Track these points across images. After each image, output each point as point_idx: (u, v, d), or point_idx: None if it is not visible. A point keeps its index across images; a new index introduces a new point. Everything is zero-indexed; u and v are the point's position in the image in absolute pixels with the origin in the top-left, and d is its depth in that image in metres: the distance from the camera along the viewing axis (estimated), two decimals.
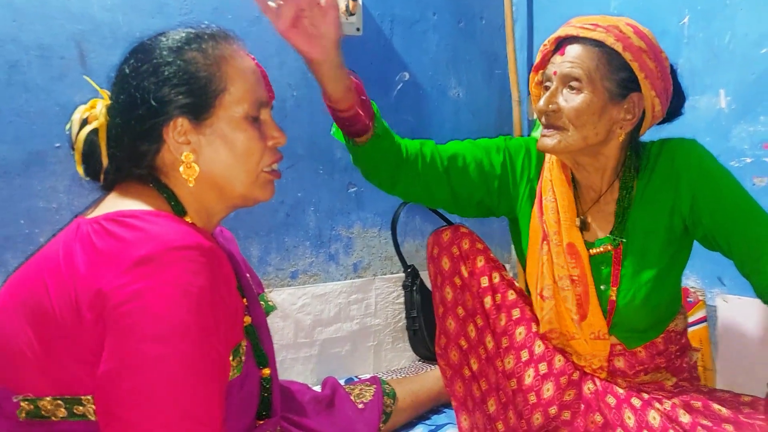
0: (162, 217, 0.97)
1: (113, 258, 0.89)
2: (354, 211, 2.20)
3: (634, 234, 1.38)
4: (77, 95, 1.70)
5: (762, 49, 1.69)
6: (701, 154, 1.35)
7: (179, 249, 0.90)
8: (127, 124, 1.03)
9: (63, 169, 1.71)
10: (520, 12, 2.44)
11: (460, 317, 1.49)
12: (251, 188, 1.08)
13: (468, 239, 1.52)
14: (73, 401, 0.93)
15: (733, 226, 1.31)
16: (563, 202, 1.41)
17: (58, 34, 1.70)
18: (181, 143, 1.03)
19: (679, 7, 1.87)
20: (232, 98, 1.04)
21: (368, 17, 2.17)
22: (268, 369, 1.14)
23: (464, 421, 1.48)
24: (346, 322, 2.17)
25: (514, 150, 1.52)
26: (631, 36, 1.28)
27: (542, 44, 1.37)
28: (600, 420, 1.42)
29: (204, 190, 1.06)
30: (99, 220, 0.95)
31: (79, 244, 0.93)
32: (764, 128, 1.70)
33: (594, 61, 1.29)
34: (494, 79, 2.48)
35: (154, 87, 1.01)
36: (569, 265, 1.39)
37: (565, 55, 1.31)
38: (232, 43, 1.09)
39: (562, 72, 1.31)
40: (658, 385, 1.45)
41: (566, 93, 1.31)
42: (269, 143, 1.10)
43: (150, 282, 0.87)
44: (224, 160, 1.05)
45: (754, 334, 1.72)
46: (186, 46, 1.04)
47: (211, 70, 1.03)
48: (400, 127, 2.27)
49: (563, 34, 1.33)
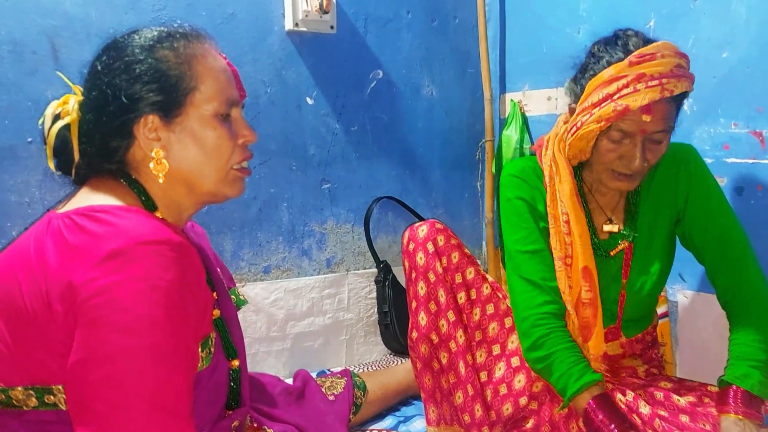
0: (132, 212, 0.98)
1: (84, 252, 0.91)
2: (327, 207, 2.22)
3: (642, 229, 1.45)
4: (49, 90, 1.70)
5: (724, 53, 1.74)
6: (699, 158, 1.44)
7: (149, 243, 0.91)
8: (99, 120, 1.04)
9: (35, 164, 1.72)
10: (492, 11, 2.47)
11: (432, 312, 1.52)
12: (220, 185, 1.10)
13: (443, 235, 1.54)
14: (44, 391, 0.94)
15: (710, 228, 1.41)
16: (578, 227, 1.40)
17: (30, 30, 1.70)
18: (152, 140, 1.04)
19: (646, 10, 1.92)
20: (202, 96, 1.06)
21: (342, 15, 2.19)
22: (237, 361, 1.16)
23: (432, 412, 1.52)
24: (319, 317, 2.20)
25: (532, 201, 1.48)
26: (689, 67, 1.31)
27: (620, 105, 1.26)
28: (565, 411, 1.46)
29: (174, 186, 1.07)
30: (70, 215, 0.96)
31: (50, 238, 0.94)
32: (725, 130, 1.75)
33: (675, 112, 1.32)
34: (467, 77, 2.52)
35: (125, 84, 1.03)
36: (583, 289, 1.40)
37: (653, 114, 1.26)
38: (204, 42, 1.10)
39: (650, 131, 1.29)
40: (633, 370, 1.51)
41: (649, 146, 1.31)
42: (239, 141, 1.11)
43: (120, 276, 0.88)
44: (194, 157, 1.06)
45: (713, 330, 1.77)
46: (158, 45, 1.06)
47: (182, 69, 1.05)
48: (374, 124, 2.30)
49: (656, 98, 1.24)
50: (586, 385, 1.30)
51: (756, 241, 1.70)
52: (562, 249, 1.41)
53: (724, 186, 1.75)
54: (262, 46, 2.06)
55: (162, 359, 0.89)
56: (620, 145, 1.31)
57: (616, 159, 1.33)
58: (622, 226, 1.46)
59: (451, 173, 2.50)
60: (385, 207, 2.34)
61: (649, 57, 1.25)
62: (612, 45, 1.33)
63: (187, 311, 0.94)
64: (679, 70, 1.26)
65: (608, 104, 1.27)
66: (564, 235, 1.41)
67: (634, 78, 1.25)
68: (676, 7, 1.84)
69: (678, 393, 1.41)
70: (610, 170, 1.35)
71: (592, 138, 1.34)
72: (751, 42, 1.68)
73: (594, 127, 1.30)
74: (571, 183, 1.40)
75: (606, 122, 1.28)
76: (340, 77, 2.22)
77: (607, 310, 1.45)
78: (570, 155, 1.41)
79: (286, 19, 2.08)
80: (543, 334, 1.37)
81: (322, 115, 2.19)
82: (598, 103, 1.28)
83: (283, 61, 2.10)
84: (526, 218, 1.45)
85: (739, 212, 1.71)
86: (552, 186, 1.43)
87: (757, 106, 1.67)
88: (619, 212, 1.48)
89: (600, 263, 1.43)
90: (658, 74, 1.24)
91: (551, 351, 1.35)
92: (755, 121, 1.68)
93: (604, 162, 1.35)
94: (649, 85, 1.24)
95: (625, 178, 1.35)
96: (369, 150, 2.30)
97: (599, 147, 1.34)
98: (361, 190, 2.29)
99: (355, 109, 2.26)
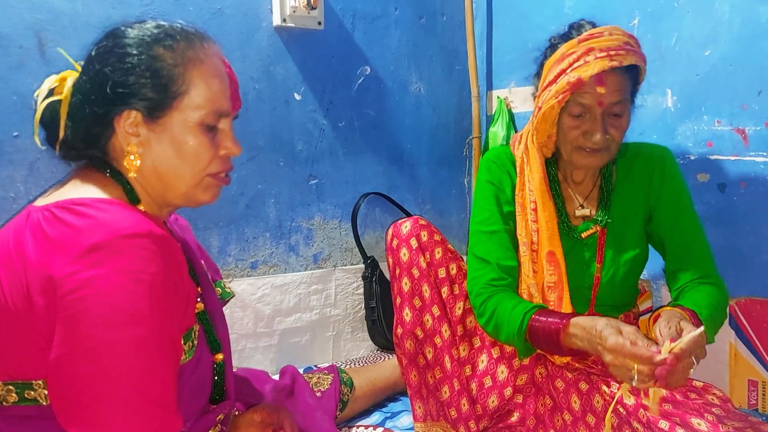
0: (113, 205, 0.98)
1: (64, 245, 0.90)
2: (314, 203, 2.23)
3: (615, 216, 1.50)
4: (35, 84, 1.65)
5: (706, 51, 1.76)
6: (674, 162, 1.52)
7: (131, 237, 0.91)
8: (83, 105, 1.03)
9: (21, 159, 1.71)
10: (479, 9, 2.49)
11: (416, 308, 1.53)
12: (194, 190, 1.08)
13: (426, 231, 1.56)
14: (24, 386, 0.94)
15: (677, 227, 1.48)
16: (545, 213, 1.46)
17: (16, 23, 1.69)
18: (130, 134, 1.03)
19: (630, 8, 1.93)
20: (190, 102, 1.04)
21: (330, 11, 2.19)
22: (221, 354, 1.15)
23: (418, 408, 1.53)
24: (306, 313, 2.20)
25: (500, 184, 1.55)
26: (639, 48, 1.39)
27: (573, 77, 1.34)
28: (549, 403, 1.48)
29: (149, 182, 1.06)
30: (50, 208, 0.95)
31: (29, 231, 0.94)
32: (708, 127, 1.77)
33: (629, 85, 1.40)
34: (454, 74, 2.53)
35: (115, 75, 1.01)
36: (547, 272, 1.45)
37: (606, 85, 1.35)
38: (208, 47, 1.08)
39: (606, 102, 1.36)
40: None
41: (610, 120, 1.39)
42: (221, 152, 1.09)
43: (102, 269, 0.88)
44: (170, 159, 1.05)
45: None
46: (156, 42, 1.04)
47: (176, 71, 1.03)
48: (362, 120, 2.30)
49: (605, 67, 1.32)
50: (527, 315, 1.35)
51: (738, 237, 1.73)
52: (527, 235, 1.48)
53: (708, 182, 1.77)
54: (250, 42, 2.06)
55: (147, 352, 0.90)
56: (582, 121, 1.39)
57: (580, 135, 1.40)
58: (595, 212, 1.51)
59: (439, 169, 2.51)
60: (372, 203, 2.35)
61: (597, 34, 1.36)
62: (566, 35, 1.44)
63: (171, 303, 0.94)
64: (627, 46, 1.35)
65: (562, 78, 1.36)
66: (531, 222, 1.47)
67: (584, 52, 1.34)
68: (659, 5, 1.86)
69: None
70: (577, 147, 1.42)
71: (554, 117, 1.41)
72: (734, 40, 1.70)
73: (553, 103, 1.37)
74: (541, 172, 1.47)
75: (563, 95, 1.36)
76: (327, 73, 2.23)
77: (581, 296, 1.49)
78: (540, 143, 1.47)
79: (273, 15, 2.08)
80: (484, 299, 1.44)
81: (309, 111, 2.19)
82: (554, 80, 1.38)
83: (271, 57, 2.09)
84: (490, 201, 1.53)
85: (722, 208, 1.74)
86: (522, 176, 1.50)
87: (740, 103, 1.69)
88: (593, 200, 1.53)
89: (572, 247, 1.49)
90: (605, 47, 1.33)
91: (493, 309, 1.42)
92: (738, 119, 1.71)
93: (570, 140, 1.42)
94: (597, 56, 1.32)
95: (593, 153, 1.41)
96: (356, 146, 2.30)
97: (563, 126, 1.42)
98: (349, 186, 2.30)
99: (343, 105, 2.27)
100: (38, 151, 1.71)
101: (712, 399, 1.37)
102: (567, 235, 1.50)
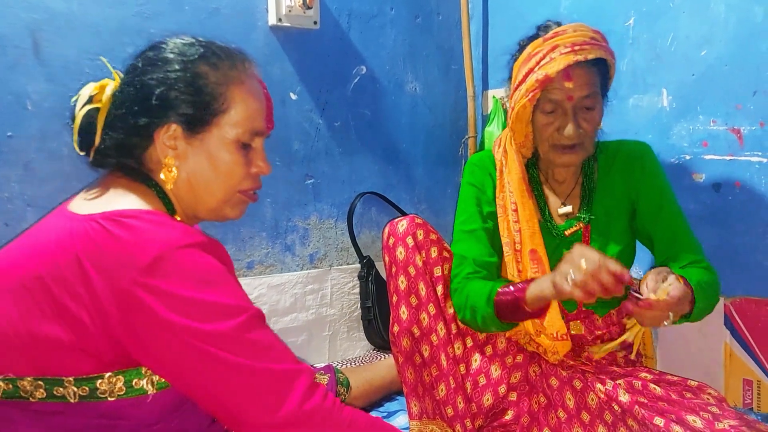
0: (157, 216, 1.00)
1: (123, 259, 0.93)
2: (311, 203, 2.23)
3: (598, 213, 1.52)
4: (30, 84, 1.69)
5: (702, 51, 1.77)
6: (653, 157, 1.54)
7: (185, 247, 0.95)
8: (125, 115, 1.05)
9: (16, 159, 1.70)
10: (475, 8, 2.49)
11: (413, 306, 1.53)
12: (223, 205, 1.12)
13: (423, 230, 1.56)
14: (54, 382, 0.96)
15: (660, 219, 1.48)
16: (525, 213, 1.49)
17: (12, 23, 1.69)
18: (169, 147, 1.06)
19: (626, 8, 1.94)
20: (229, 120, 1.07)
21: (325, 11, 2.19)
22: None
23: (414, 406, 1.53)
24: (302, 312, 2.20)
25: (481, 186, 1.58)
26: (606, 43, 1.42)
27: (540, 74, 1.37)
28: (544, 401, 1.49)
29: (181, 194, 1.09)
30: (97, 219, 0.97)
31: (79, 244, 0.95)
32: (703, 127, 1.78)
33: (597, 79, 1.42)
34: (450, 74, 2.53)
35: (159, 88, 1.04)
36: (531, 270, 1.47)
37: (574, 80, 1.38)
38: (249, 68, 1.12)
39: (576, 97, 1.39)
40: (612, 356, 1.54)
41: (581, 114, 1.41)
42: (253, 170, 1.13)
43: (172, 280, 0.93)
44: (204, 173, 1.08)
45: (694, 325, 1.80)
46: (201, 59, 1.07)
47: (218, 89, 1.06)
48: (358, 120, 2.30)
49: (570, 62, 1.35)
50: (495, 287, 1.39)
51: (733, 236, 1.73)
52: (509, 236, 1.50)
53: (703, 182, 1.78)
54: (246, 42, 2.05)
55: (250, 330, 0.97)
56: (554, 117, 1.42)
57: (554, 132, 1.43)
58: (578, 210, 1.53)
59: (434, 169, 2.51)
60: (368, 202, 2.35)
61: (561, 32, 1.39)
62: (533, 36, 1.46)
63: (240, 289, 1.02)
64: (592, 41, 1.38)
65: (531, 77, 1.39)
66: (513, 223, 1.50)
67: (549, 49, 1.37)
68: (655, 5, 1.87)
69: (658, 385, 1.43)
70: (553, 145, 1.45)
71: (528, 116, 1.44)
72: (729, 40, 1.71)
73: (524, 102, 1.41)
74: (520, 172, 1.50)
75: (533, 93, 1.39)
76: (323, 73, 2.22)
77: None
78: (518, 143, 1.50)
79: (269, 15, 2.07)
80: (457, 289, 1.47)
81: (305, 111, 2.19)
82: (523, 80, 1.41)
83: (267, 57, 2.09)
84: (471, 203, 1.57)
85: (717, 208, 1.75)
86: (501, 178, 1.54)
87: (736, 103, 1.70)
88: (575, 198, 1.55)
89: (556, 246, 1.51)
90: (570, 43, 1.36)
91: (466, 295, 1.44)
92: (733, 119, 1.71)
93: (545, 138, 1.45)
94: (562, 52, 1.36)
95: (569, 150, 1.44)
96: (352, 145, 2.30)
97: (537, 124, 1.45)
98: (345, 186, 2.30)
99: (339, 104, 2.27)
100: (33, 151, 1.71)
101: (708, 398, 1.37)
102: (550, 233, 1.52)
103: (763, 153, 1.66)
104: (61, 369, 0.96)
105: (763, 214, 1.67)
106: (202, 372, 0.94)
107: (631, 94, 1.93)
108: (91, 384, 0.96)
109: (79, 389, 0.96)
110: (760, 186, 1.67)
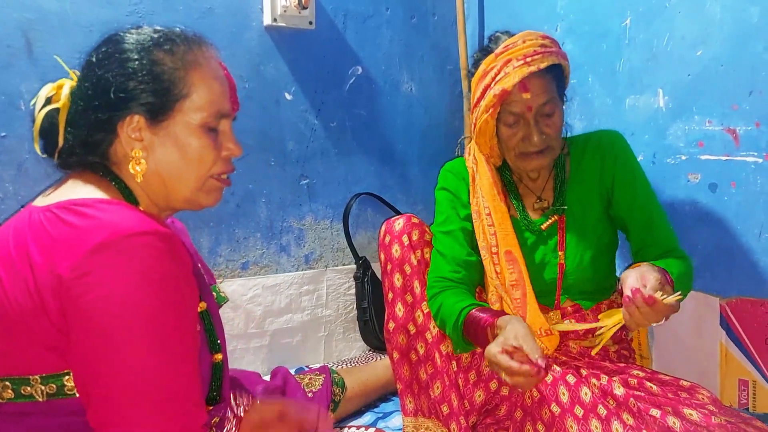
0: (114, 205, 0.98)
1: (69, 246, 0.91)
2: (306, 203, 2.22)
3: (572, 205, 1.55)
4: (23, 84, 1.68)
5: (698, 51, 1.77)
6: (624, 144, 1.56)
7: (137, 235, 0.92)
8: (86, 111, 1.04)
9: (9, 159, 1.69)
10: (471, 9, 2.48)
11: (408, 303, 1.55)
12: (197, 192, 1.10)
13: (418, 230, 1.59)
14: (20, 381, 0.95)
15: (635, 204, 1.52)
16: (497, 215, 1.52)
17: (5, 23, 1.68)
18: (134, 139, 1.04)
19: (622, 8, 1.93)
20: (192, 105, 1.05)
21: (321, 11, 2.18)
22: (220, 355, 1.16)
23: (409, 404, 1.54)
24: (297, 313, 2.19)
25: (456, 191, 1.61)
26: (557, 47, 1.46)
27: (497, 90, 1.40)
28: (536, 395, 1.48)
29: (152, 187, 1.07)
30: (51, 209, 0.96)
31: (32, 232, 0.94)
32: (699, 127, 1.77)
33: (553, 84, 1.45)
34: (446, 74, 2.53)
35: (117, 80, 1.02)
36: (507, 271, 1.50)
37: (531, 90, 1.41)
38: (206, 51, 1.10)
39: (535, 106, 1.43)
40: (605, 350, 1.55)
41: (543, 121, 1.45)
42: (223, 153, 1.11)
43: (112, 270, 0.89)
44: (174, 162, 1.06)
45: (689, 324, 1.80)
46: (156, 46, 1.05)
47: (177, 74, 1.04)
48: (353, 120, 2.30)
49: (525, 74, 1.38)
50: (464, 312, 1.40)
51: (729, 237, 1.73)
52: (485, 239, 1.53)
53: (698, 182, 1.77)
54: (240, 42, 2.05)
55: (166, 348, 0.92)
56: (517, 128, 1.45)
57: (519, 142, 1.46)
58: (552, 203, 1.56)
59: (430, 169, 2.50)
60: (364, 203, 2.35)
61: (512, 45, 1.42)
62: (485, 49, 1.50)
63: (184, 299, 0.96)
64: (543, 49, 1.42)
65: (488, 93, 1.42)
66: (488, 227, 1.52)
67: (503, 64, 1.41)
68: (651, 5, 1.86)
69: (651, 383, 1.43)
70: (520, 153, 1.48)
71: (492, 130, 1.47)
72: (725, 40, 1.71)
73: (486, 117, 1.44)
74: (490, 177, 1.54)
75: (493, 108, 1.42)
76: (318, 73, 2.22)
77: (550, 287, 1.53)
78: (486, 154, 1.54)
79: (264, 15, 2.07)
80: (434, 294, 1.49)
81: (300, 111, 2.18)
82: (481, 96, 1.44)
83: (261, 57, 2.09)
84: (446, 206, 1.60)
85: (713, 208, 1.75)
86: (473, 184, 1.57)
87: (731, 103, 1.70)
88: (549, 192, 1.58)
89: (535, 241, 1.54)
90: (522, 55, 1.40)
91: (439, 305, 1.47)
92: (729, 119, 1.71)
93: (512, 148, 1.48)
94: (515, 66, 1.39)
95: (536, 155, 1.47)
96: (348, 146, 2.30)
97: (502, 136, 1.48)
98: (340, 186, 2.29)
99: (334, 105, 2.26)
100: (26, 152, 1.70)
101: (702, 399, 1.37)
102: (528, 229, 1.55)
103: (758, 153, 1.66)
104: (27, 367, 0.94)
105: (759, 214, 1.67)
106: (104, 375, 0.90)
107: (628, 95, 1.93)
108: (57, 381, 0.94)
109: (47, 387, 0.94)
110: (755, 186, 1.67)
